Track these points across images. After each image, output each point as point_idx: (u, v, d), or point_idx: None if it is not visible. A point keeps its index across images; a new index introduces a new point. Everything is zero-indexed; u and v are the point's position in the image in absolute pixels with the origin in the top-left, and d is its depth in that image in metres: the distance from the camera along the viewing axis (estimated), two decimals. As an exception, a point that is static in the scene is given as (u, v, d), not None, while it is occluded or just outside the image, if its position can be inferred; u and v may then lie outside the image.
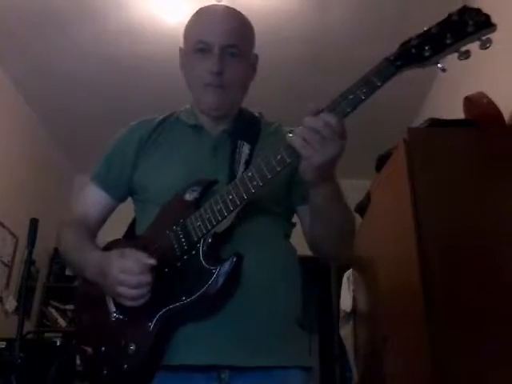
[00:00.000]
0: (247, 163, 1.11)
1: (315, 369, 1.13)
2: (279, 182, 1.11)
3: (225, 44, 1.15)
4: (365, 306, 2.79)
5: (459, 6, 0.90)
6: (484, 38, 0.86)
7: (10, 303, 3.74)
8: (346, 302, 3.05)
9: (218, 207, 1.00)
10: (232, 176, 1.08)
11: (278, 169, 0.95)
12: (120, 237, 1.26)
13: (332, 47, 3.34)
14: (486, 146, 2.09)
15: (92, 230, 1.24)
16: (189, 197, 1.07)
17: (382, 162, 2.46)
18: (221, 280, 0.98)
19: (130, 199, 1.29)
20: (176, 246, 1.03)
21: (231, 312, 1.01)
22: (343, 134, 0.92)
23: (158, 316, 1.00)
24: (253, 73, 1.27)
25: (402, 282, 2.07)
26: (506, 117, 2.27)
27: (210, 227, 1.01)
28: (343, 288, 3.14)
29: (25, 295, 2.45)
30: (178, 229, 1.04)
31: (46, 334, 4.19)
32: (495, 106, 2.23)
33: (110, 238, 1.23)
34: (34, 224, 2.23)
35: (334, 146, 0.91)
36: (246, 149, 1.15)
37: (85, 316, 1.16)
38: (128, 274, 0.98)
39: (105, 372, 1.03)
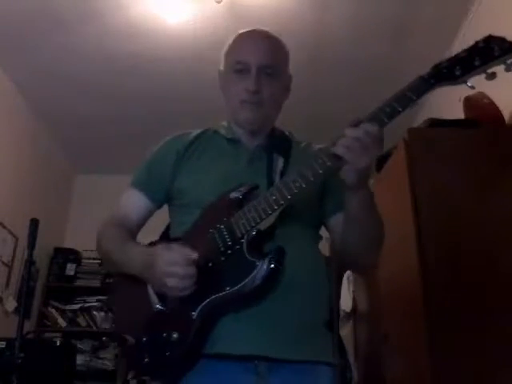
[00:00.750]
0: (282, 174, 1.19)
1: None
2: (313, 192, 1.20)
3: (262, 64, 1.24)
4: (365, 306, 2.79)
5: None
6: (509, 61, 0.96)
7: (10, 303, 3.74)
8: (346, 302, 3.05)
9: (262, 206, 1.07)
10: (270, 183, 1.16)
11: (321, 171, 1.04)
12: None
13: (332, 47, 3.34)
14: (486, 145, 2.09)
15: (131, 232, 1.29)
16: (233, 195, 1.14)
17: (381, 162, 2.46)
18: (264, 271, 1.03)
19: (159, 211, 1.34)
20: (220, 241, 1.09)
21: (270, 305, 1.06)
22: (381, 142, 1.02)
23: (201, 305, 1.05)
24: (287, 92, 1.35)
25: (402, 282, 2.07)
26: (506, 117, 2.27)
27: (253, 224, 1.07)
28: (343, 288, 3.14)
29: (25, 295, 2.44)
30: (222, 227, 1.10)
31: (46, 334, 4.19)
32: (495, 105, 2.24)
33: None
34: (34, 224, 2.23)
35: (374, 152, 1.01)
36: (280, 162, 1.23)
37: (124, 309, 1.20)
38: (174, 265, 1.03)
39: (146, 360, 1.07)
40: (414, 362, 1.93)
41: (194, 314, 1.05)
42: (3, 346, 2.56)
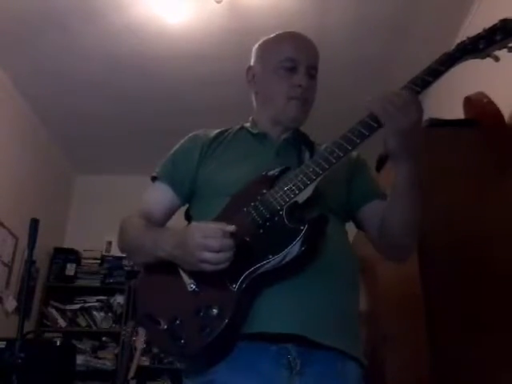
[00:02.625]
0: None
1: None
2: (340, 183, 1.23)
3: (310, 64, 1.28)
4: (365, 306, 2.79)
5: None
6: None
7: (10, 303, 3.74)
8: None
9: (299, 178, 1.07)
10: None
11: (358, 141, 1.06)
12: None
13: (332, 47, 3.33)
14: (486, 146, 2.09)
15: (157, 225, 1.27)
16: (271, 173, 1.14)
17: (382, 161, 2.46)
18: (308, 236, 1.01)
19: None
20: (256, 215, 1.07)
21: (310, 286, 1.06)
22: (418, 106, 1.04)
23: (243, 276, 1.02)
24: None
25: (402, 282, 2.07)
26: (506, 117, 2.27)
27: (292, 196, 1.06)
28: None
29: (25, 295, 2.45)
30: (257, 203, 1.09)
31: (46, 334, 4.20)
32: (495, 106, 2.23)
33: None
34: (34, 224, 2.22)
35: (407, 114, 1.02)
36: (307, 154, 1.24)
37: (154, 294, 1.15)
38: (211, 238, 1.01)
39: (182, 341, 1.02)
40: (413, 362, 1.93)
41: (235, 285, 1.01)
42: (3, 346, 2.56)
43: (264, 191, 1.10)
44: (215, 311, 1.01)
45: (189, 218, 1.30)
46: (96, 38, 3.33)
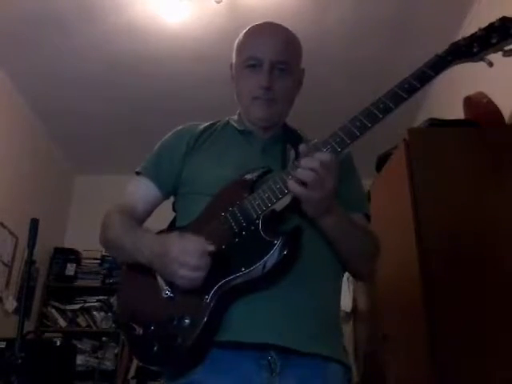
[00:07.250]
0: None
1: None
2: None
3: (274, 60, 1.21)
4: (365, 306, 2.79)
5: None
6: None
7: (10, 303, 3.74)
8: (345, 302, 3.05)
9: (278, 186, 1.04)
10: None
11: (339, 149, 1.03)
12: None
13: (332, 47, 3.34)
14: (486, 146, 2.09)
15: (138, 221, 1.26)
16: (248, 177, 1.12)
17: (382, 162, 2.46)
18: (283, 250, 1.00)
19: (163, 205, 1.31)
20: (233, 223, 1.06)
21: (287, 292, 1.04)
22: (332, 177, 1.01)
23: (215, 288, 1.01)
24: (299, 86, 1.33)
25: (402, 282, 2.07)
26: (506, 117, 2.27)
27: (269, 204, 1.04)
28: (343, 288, 3.14)
29: (25, 295, 2.44)
30: (235, 209, 1.07)
31: (46, 334, 4.20)
32: (495, 105, 2.24)
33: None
34: (34, 224, 2.22)
35: (331, 181, 1.00)
36: (292, 153, 1.20)
37: (131, 297, 1.15)
38: (189, 255, 1.00)
39: (155, 349, 1.02)
40: (414, 362, 1.93)
41: (208, 297, 1.01)
42: (3, 346, 2.56)
43: (244, 195, 1.08)
44: (187, 321, 1.01)
45: (175, 210, 1.29)
46: (95, 37, 3.33)
